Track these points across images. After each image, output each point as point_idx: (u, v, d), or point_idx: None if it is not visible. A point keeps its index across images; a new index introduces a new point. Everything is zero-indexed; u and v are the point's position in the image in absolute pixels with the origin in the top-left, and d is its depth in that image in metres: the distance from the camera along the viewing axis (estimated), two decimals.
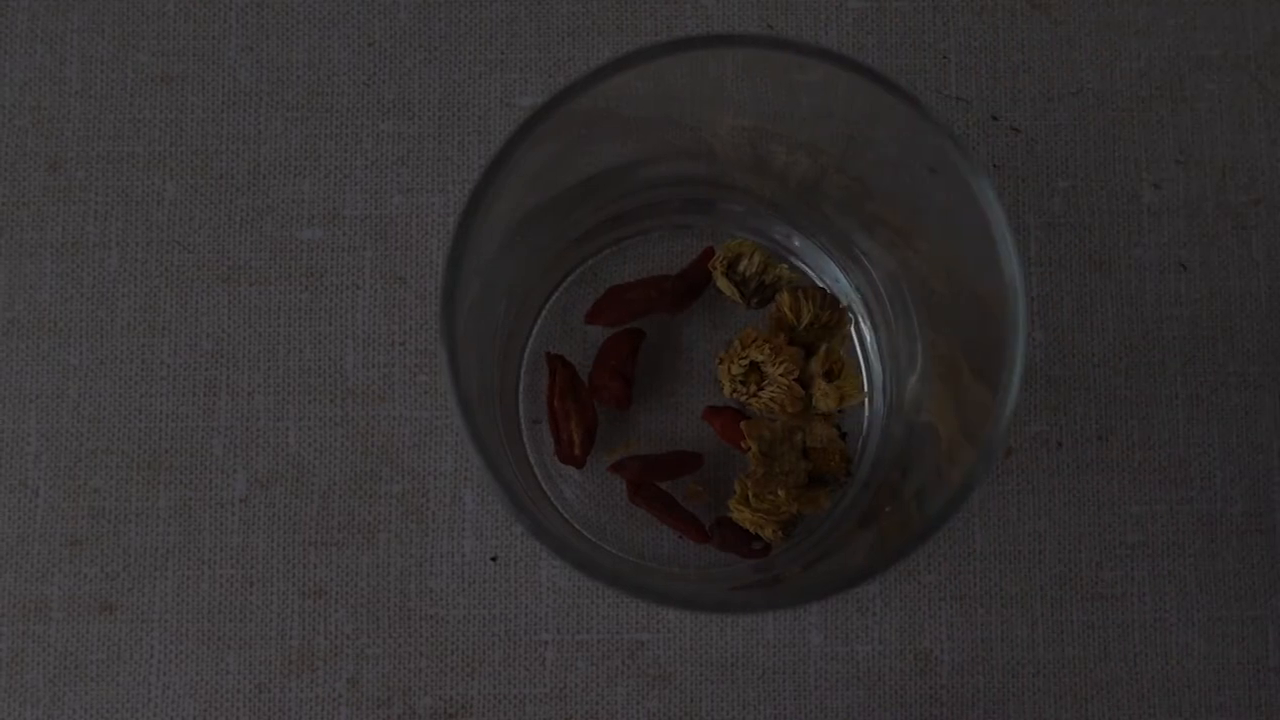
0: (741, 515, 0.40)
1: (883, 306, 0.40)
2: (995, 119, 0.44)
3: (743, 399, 0.41)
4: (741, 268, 0.41)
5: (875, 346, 0.41)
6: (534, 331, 0.42)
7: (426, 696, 0.41)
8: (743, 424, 0.41)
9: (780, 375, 0.40)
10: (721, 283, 0.41)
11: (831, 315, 0.41)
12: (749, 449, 0.40)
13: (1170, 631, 0.42)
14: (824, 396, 0.40)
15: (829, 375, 0.41)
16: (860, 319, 0.41)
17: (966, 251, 0.34)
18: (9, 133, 0.43)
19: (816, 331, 0.41)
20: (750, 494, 0.40)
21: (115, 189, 0.43)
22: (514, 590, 0.42)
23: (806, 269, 0.42)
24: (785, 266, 0.41)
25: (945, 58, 0.44)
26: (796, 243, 0.42)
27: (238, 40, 0.44)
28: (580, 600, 0.42)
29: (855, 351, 0.42)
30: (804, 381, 0.41)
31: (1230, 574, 0.42)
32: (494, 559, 0.42)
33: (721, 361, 0.41)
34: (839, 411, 0.41)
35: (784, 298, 0.41)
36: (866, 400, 0.41)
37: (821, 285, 0.42)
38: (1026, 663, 0.42)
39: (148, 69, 0.44)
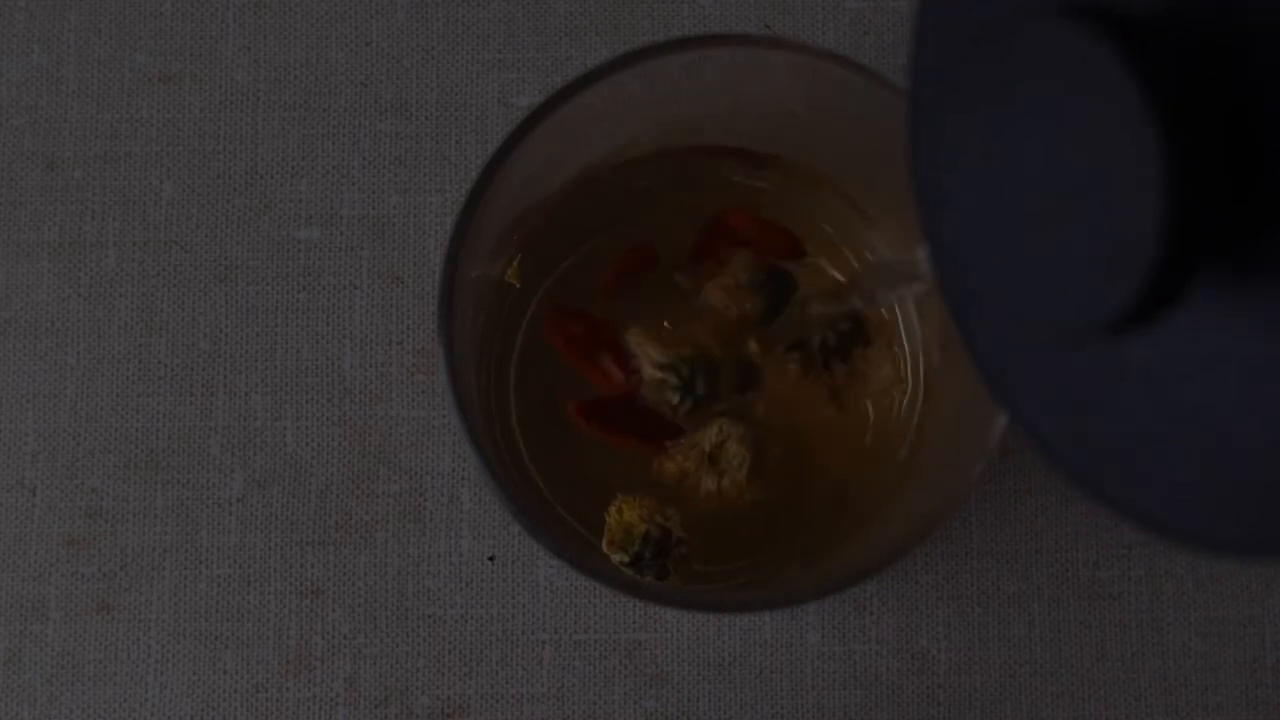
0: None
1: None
2: None
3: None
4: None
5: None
6: (530, 330, 0.42)
7: (424, 696, 0.41)
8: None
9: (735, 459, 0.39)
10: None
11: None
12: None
13: (1167, 630, 0.42)
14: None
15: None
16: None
17: None
18: (6, 132, 0.43)
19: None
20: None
21: (112, 189, 0.43)
22: (511, 590, 0.42)
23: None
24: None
25: None
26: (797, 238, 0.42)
27: (235, 40, 0.44)
28: (578, 600, 0.42)
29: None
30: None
31: (1227, 573, 0.42)
32: (491, 558, 0.42)
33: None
34: None
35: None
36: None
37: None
38: (1023, 662, 0.42)
39: (145, 69, 0.44)
